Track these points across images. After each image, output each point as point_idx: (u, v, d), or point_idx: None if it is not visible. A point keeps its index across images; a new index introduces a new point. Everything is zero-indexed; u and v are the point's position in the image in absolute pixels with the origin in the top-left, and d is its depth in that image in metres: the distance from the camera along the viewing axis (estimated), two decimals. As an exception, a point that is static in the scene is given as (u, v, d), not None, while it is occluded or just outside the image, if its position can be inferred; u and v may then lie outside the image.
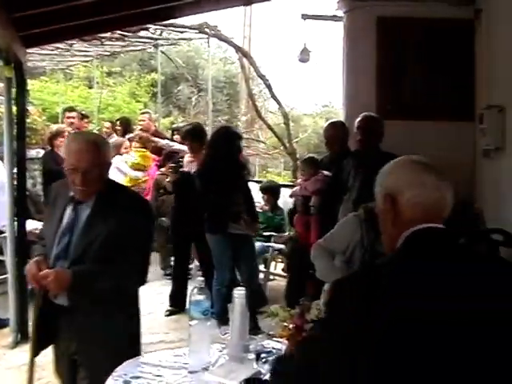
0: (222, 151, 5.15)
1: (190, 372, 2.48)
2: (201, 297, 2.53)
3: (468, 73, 6.25)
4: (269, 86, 11.14)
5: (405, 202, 1.64)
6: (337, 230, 3.55)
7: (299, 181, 5.40)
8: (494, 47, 5.79)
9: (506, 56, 5.54)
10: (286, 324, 2.64)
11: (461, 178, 6.09)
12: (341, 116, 6.29)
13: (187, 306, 4.93)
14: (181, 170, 5.98)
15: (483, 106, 5.84)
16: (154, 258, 8.04)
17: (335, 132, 5.24)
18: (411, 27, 6.24)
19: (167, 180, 6.37)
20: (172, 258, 6.85)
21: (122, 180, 7.17)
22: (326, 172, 5.22)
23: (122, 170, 7.50)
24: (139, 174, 7.66)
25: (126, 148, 7.84)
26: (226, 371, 2.47)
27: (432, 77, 6.39)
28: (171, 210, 6.47)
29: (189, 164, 5.91)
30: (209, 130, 8.38)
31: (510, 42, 5.43)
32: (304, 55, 7.05)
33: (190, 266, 6.88)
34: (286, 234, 7.03)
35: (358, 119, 4.69)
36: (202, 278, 2.70)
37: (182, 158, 6.21)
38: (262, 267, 7.38)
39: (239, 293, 2.68)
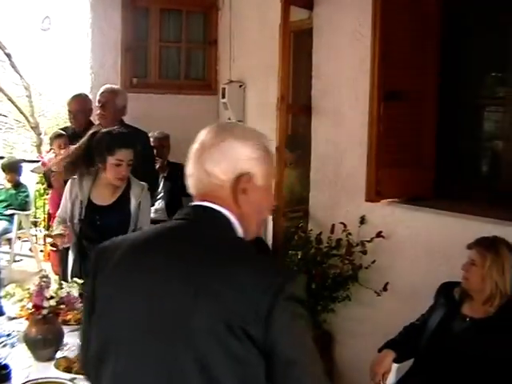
0: None
1: None
2: None
3: (212, 48, 6.50)
4: (8, 56, 10.45)
5: None
6: (63, 197, 3.58)
7: (49, 156, 5.12)
8: (235, 25, 6.07)
9: (245, 34, 5.86)
10: (24, 304, 2.55)
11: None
12: (86, 89, 6.11)
13: None
14: None
15: (225, 81, 6.11)
16: None
17: (79, 105, 5.09)
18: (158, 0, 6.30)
19: None
20: None
21: None
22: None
23: None
24: None
25: None
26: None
27: (178, 51, 6.53)
28: None
29: None
30: None
31: (250, 21, 5.75)
32: (46, 24, 6.73)
33: None
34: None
35: (99, 92, 4.61)
36: None
37: None
38: (6, 248, 7.02)
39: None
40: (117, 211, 3.45)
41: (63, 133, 5.06)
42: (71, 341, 2.63)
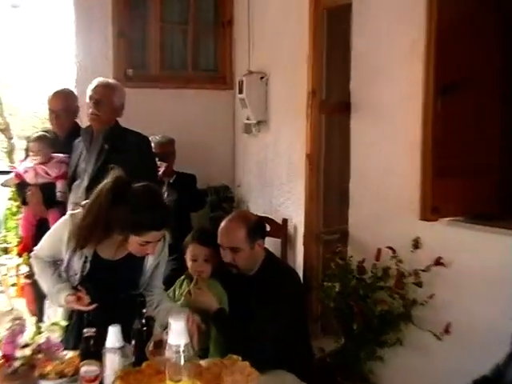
0: None
1: None
2: None
3: (226, 31, 6.54)
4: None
5: None
6: (49, 233, 3.36)
7: (25, 165, 5.10)
8: (255, 2, 6.09)
9: (267, 14, 5.87)
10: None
11: (220, 159, 6.39)
12: (71, 83, 6.14)
13: None
14: None
15: (243, 73, 6.10)
16: None
17: (61, 103, 5.09)
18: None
19: None
20: None
21: None
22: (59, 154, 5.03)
23: None
24: None
25: None
26: None
27: (184, 35, 6.56)
28: None
29: None
30: None
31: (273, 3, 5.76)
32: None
33: None
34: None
35: (91, 87, 4.55)
36: None
37: None
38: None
39: None
40: (127, 268, 3.22)
41: (45, 134, 5.04)
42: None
